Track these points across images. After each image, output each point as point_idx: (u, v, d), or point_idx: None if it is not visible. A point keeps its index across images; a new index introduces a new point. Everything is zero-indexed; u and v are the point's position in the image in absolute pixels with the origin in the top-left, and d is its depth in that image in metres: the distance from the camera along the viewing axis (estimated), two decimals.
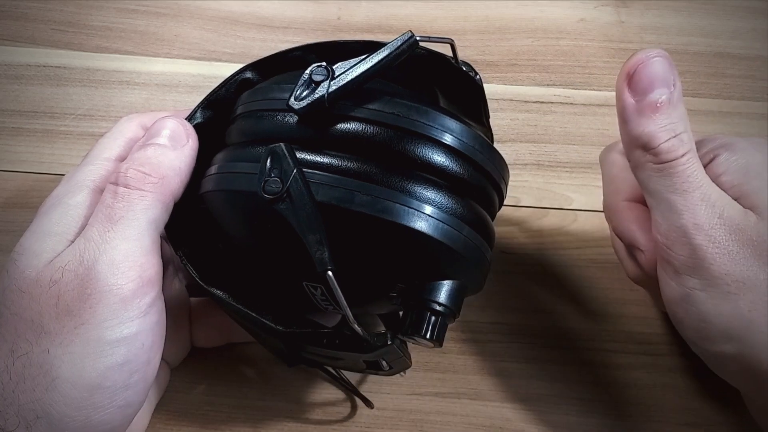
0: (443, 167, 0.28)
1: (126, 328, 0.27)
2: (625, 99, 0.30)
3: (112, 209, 0.28)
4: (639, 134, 0.29)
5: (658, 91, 0.29)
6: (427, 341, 0.29)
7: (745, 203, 0.30)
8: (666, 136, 0.29)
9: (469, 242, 0.28)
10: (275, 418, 0.36)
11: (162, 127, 0.31)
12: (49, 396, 0.26)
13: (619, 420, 0.36)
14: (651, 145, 0.29)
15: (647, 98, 0.29)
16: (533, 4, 0.53)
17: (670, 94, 0.29)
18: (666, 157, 0.29)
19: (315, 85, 0.27)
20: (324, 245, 0.26)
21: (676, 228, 0.29)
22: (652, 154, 0.29)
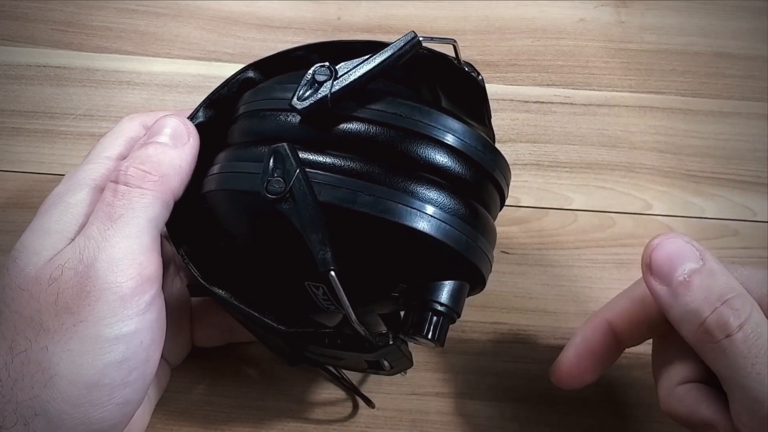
0: (445, 168, 0.28)
1: (125, 325, 0.27)
2: (655, 289, 0.28)
3: (112, 207, 0.28)
4: (683, 317, 0.27)
5: (681, 267, 0.27)
6: (428, 341, 0.29)
7: None
8: (709, 308, 0.26)
9: (471, 242, 0.28)
10: (275, 418, 0.36)
11: (163, 125, 0.31)
12: (47, 393, 0.26)
13: (619, 420, 0.36)
14: (697, 324, 0.27)
15: (674, 279, 0.27)
16: (533, 4, 0.53)
17: (699, 263, 0.27)
18: (718, 333, 0.26)
19: (318, 85, 0.27)
20: (326, 245, 0.26)
21: (759, 419, 0.26)
22: (705, 333, 0.27)
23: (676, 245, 0.28)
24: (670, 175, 0.45)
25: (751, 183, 0.45)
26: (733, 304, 0.26)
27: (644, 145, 0.46)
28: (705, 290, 0.27)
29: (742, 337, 0.26)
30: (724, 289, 0.27)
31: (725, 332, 0.26)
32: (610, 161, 0.45)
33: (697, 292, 0.27)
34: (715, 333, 0.26)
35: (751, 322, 0.26)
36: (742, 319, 0.26)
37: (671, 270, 0.28)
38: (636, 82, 0.49)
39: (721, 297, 0.27)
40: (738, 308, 0.26)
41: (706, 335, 0.27)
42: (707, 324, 0.27)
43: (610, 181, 0.45)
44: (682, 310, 0.27)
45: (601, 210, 0.44)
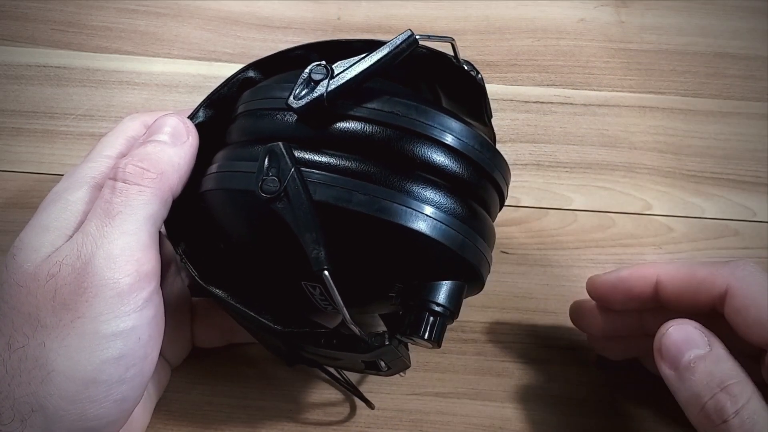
0: (443, 167, 0.28)
1: (122, 322, 0.27)
2: (664, 373, 0.30)
3: (111, 204, 0.28)
4: (687, 400, 0.29)
5: (688, 354, 0.29)
6: (425, 342, 0.28)
7: None
8: (709, 393, 0.28)
9: (468, 243, 0.28)
10: (275, 418, 0.36)
11: (163, 124, 0.31)
12: (44, 389, 0.26)
13: (620, 420, 0.36)
14: (698, 408, 0.28)
15: (681, 364, 0.29)
16: (533, 4, 0.53)
17: (705, 350, 0.29)
18: (716, 418, 0.28)
19: (314, 84, 0.27)
20: (320, 244, 0.26)
21: None
22: (704, 417, 0.28)
23: (685, 332, 0.30)
24: (670, 175, 0.45)
25: (751, 183, 0.45)
26: (731, 390, 0.28)
27: (644, 145, 0.46)
28: (707, 376, 0.28)
29: (738, 423, 0.27)
30: (725, 375, 0.28)
31: (722, 417, 0.27)
32: (610, 161, 0.45)
33: (700, 377, 0.28)
34: (713, 417, 0.28)
35: (748, 409, 0.27)
36: (739, 405, 0.27)
37: (678, 355, 0.29)
38: (636, 82, 0.49)
39: (722, 383, 0.28)
40: (736, 394, 0.28)
41: (705, 419, 0.28)
42: (706, 408, 0.28)
43: (610, 181, 0.45)
44: (686, 394, 0.29)
45: (601, 210, 0.43)
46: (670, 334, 0.30)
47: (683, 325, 0.30)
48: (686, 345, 0.29)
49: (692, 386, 0.29)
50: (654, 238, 0.42)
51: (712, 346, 0.29)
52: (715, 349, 0.29)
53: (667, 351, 0.30)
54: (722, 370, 0.28)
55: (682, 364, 0.29)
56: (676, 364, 0.29)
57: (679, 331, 0.30)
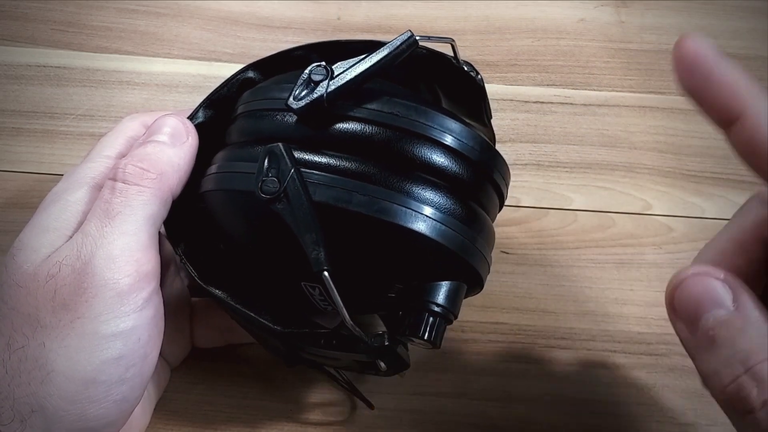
0: (442, 168, 0.28)
1: (122, 322, 0.27)
2: (679, 332, 0.24)
3: (110, 204, 0.28)
4: (705, 375, 0.23)
5: (706, 317, 0.23)
6: (424, 342, 0.28)
7: None
8: (730, 375, 0.22)
9: (468, 243, 0.28)
10: (275, 418, 0.36)
11: (163, 124, 0.31)
12: (44, 389, 0.26)
13: (620, 420, 0.36)
14: (719, 388, 0.22)
15: (699, 327, 0.23)
16: (533, 4, 0.53)
17: (729, 310, 0.23)
18: (738, 406, 0.22)
19: (314, 84, 0.27)
20: (320, 245, 0.26)
21: None
22: (726, 402, 0.23)
23: (704, 285, 0.23)
24: (670, 175, 0.45)
25: (751, 183, 0.45)
26: (758, 372, 0.22)
27: (644, 145, 0.46)
28: (730, 349, 0.22)
29: (765, 416, 0.21)
30: (752, 350, 0.22)
31: (746, 407, 0.22)
32: (610, 161, 0.45)
33: (721, 350, 0.23)
34: (734, 404, 0.22)
35: None
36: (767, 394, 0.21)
37: (696, 316, 0.23)
38: (636, 82, 0.49)
39: (747, 361, 0.22)
40: (764, 378, 0.21)
41: (727, 405, 0.23)
42: (728, 392, 0.22)
43: (610, 181, 0.45)
44: (705, 367, 0.23)
45: (601, 210, 0.44)
46: (687, 287, 0.24)
47: (703, 277, 0.24)
48: (706, 303, 0.23)
49: (711, 360, 0.23)
50: (654, 238, 0.42)
51: (739, 303, 0.23)
52: (742, 310, 0.23)
53: (682, 308, 0.24)
54: (749, 342, 0.22)
55: (701, 327, 0.23)
56: (693, 326, 0.23)
57: (697, 283, 0.24)
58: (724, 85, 0.23)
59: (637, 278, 0.41)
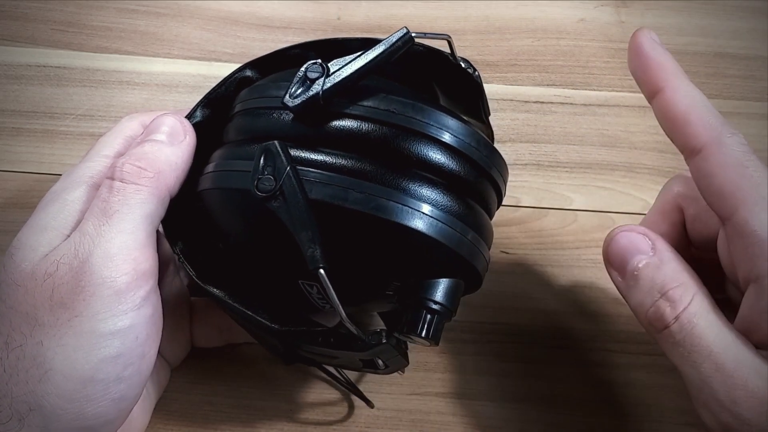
0: (439, 165, 0.28)
1: (120, 320, 0.27)
2: (614, 281, 0.30)
3: (108, 203, 0.28)
4: (634, 308, 0.29)
5: (632, 261, 0.29)
6: (423, 340, 0.28)
7: None
8: (651, 300, 0.28)
9: (465, 240, 0.28)
10: (275, 418, 0.36)
11: (160, 123, 0.31)
12: (41, 388, 0.26)
13: (619, 420, 0.36)
14: (643, 314, 0.28)
15: (627, 271, 0.29)
16: (533, 4, 0.53)
17: (649, 254, 0.29)
18: (658, 324, 0.28)
19: (310, 82, 0.27)
20: (316, 243, 0.26)
21: (703, 404, 0.27)
22: (649, 324, 0.28)
23: (629, 238, 0.29)
24: (670, 175, 0.44)
25: None
26: (672, 295, 0.27)
27: (644, 145, 0.46)
28: (649, 282, 0.28)
29: (678, 327, 0.27)
30: (667, 279, 0.28)
31: (663, 323, 0.27)
32: (610, 161, 0.45)
33: (643, 284, 0.28)
34: (655, 324, 0.28)
35: (688, 312, 0.27)
36: (678, 311, 0.27)
37: (624, 262, 0.29)
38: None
39: (662, 288, 0.28)
40: (676, 299, 0.27)
41: (650, 326, 0.28)
42: (649, 315, 0.28)
43: (610, 181, 0.45)
44: (633, 302, 0.29)
45: (601, 210, 0.43)
46: (616, 241, 0.30)
47: (628, 232, 0.30)
48: (631, 251, 0.29)
49: (636, 294, 0.28)
50: None
51: (656, 250, 0.29)
52: (659, 254, 0.29)
53: (614, 258, 0.30)
54: (664, 275, 0.28)
55: (628, 271, 0.29)
56: (622, 271, 0.29)
57: (623, 237, 0.29)
58: (653, 64, 0.29)
59: None
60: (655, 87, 0.29)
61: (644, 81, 0.29)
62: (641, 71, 0.29)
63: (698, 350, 0.27)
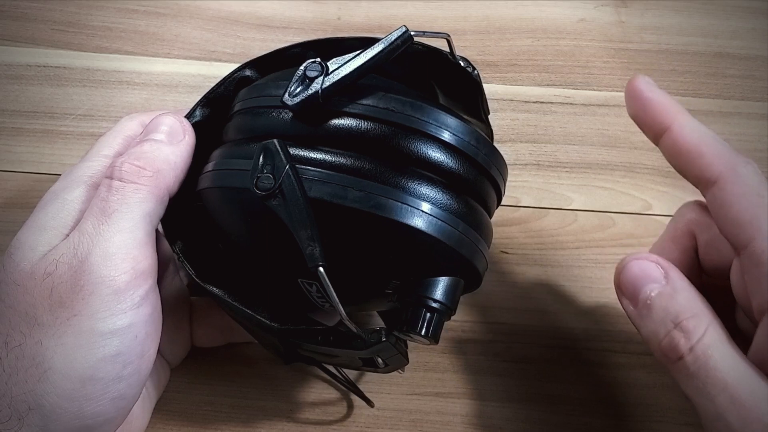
0: (438, 163, 0.28)
1: (119, 319, 0.27)
2: (625, 308, 0.29)
3: (107, 202, 0.28)
4: (647, 338, 0.28)
5: (644, 289, 0.28)
6: (422, 338, 0.28)
7: None
8: (664, 331, 0.27)
9: (465, 238, 0.28)
10: (275, 417, 0.36)
11: (160, 123, 0.31)
12: (41, 387, 0.26)
13: (619, 420, 0.36)
14: (656, 344, 0.28)
15: (639, 300, 0.29)
16: (533, 4, 0.53)
17: (662, 283, 0.28)
18: (671, 355, 0.27)
19: (309, 81, 0.27)
20: (315, 241, 0.26)
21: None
22: (662, 355, 0.28)
23: (641, 267, 0.29)
24: (670, 175, 0.45)
25: None
26: (685, 326, 0.27)
27: (644, 145, 0.46)
28: (662, 312, 0.28)
29: (692, 359, 0.26)
30: (680, 310, 0.27)
31: (676, 355, 0.27)
32: (610, 161, 0.45)
33: (657, 313, 0.28)
34: (668, 355, 0.27)
35: (702, 343, 0.27)
36: (693, 341, 0.27)
37: (636, 291, 0.29)
38: None
39: (676, 318, 0.27)
40: (690, 330, 0.27)
41: (663, 357, 0.28)
42: (662, 346, 0.27)
43: (610, 181, 0.45)
44: (646, 331, 0.28)
45: (601, 210, 0.43)
46: (628, 269, 0.29)
47: (640, 260, 0.29)
48: (643, 280, 0.29)
49: (649, 323, 0.28)
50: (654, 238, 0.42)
51: (669, 279, 0.28)
52: (672, 282, 0.28)
53: (626, 287, 0.29)
54: (677, 305, 0.28)
55: (640, 300, 0.28)
56: (634, 300, 0.29)
57: (635, 266, 0.29)
58: (655, 105, 0.29)
59: None
60: (661, 126, 0.29)
61: (649, 123, 0.30)
62: (644, 114, 0.30)
63: (713, 383, 0.26)
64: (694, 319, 0.27)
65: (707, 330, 0.27)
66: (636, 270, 0.29)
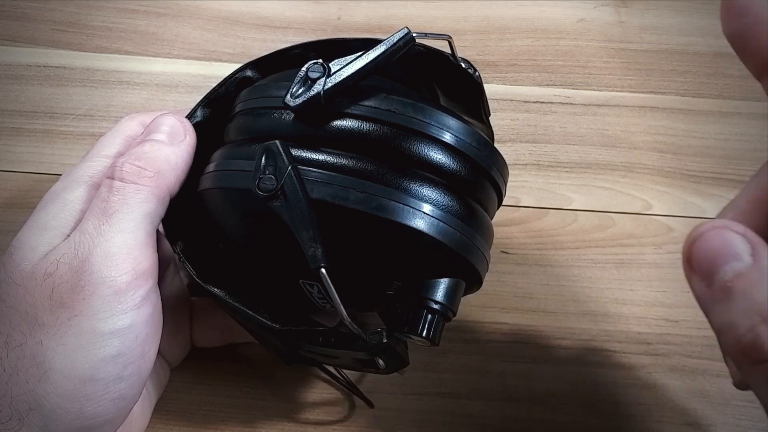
0: (440, 164, 0.28)
1: (119, 320, 0.27)
2: (694, 288, 0.24)
3: (108, 203, 0.28)
4: (720, 327, 0.23)
5: (723, 269, 0.23)
6: (423, 340, 0.28)
7: None
8: (747, 324, 0.22)
9: (466, 240, 0.28)
10: (275, 418, 0.36)
11: (160, 123, 0.31)
12: (41, 387, 0.26)
13: (620, 420, 0.36)
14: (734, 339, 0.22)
15: (715, 281, 0.23)
16: (533, 4, 0.53)
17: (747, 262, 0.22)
18: (754, 355, 0.22)
19: (311, 82, 0.27)
20: (317, 242, 0.26)
21: None
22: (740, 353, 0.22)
23: (722, 238, 0.23)
24: (670, 175, 0.45)
25: None
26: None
27: (644, 145, 0.46)
28: (746, 300, 0.22)
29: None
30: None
31: (761, 356, 0.21)
32: (610, 161, 0.45)
33: (738, 301, 0.22)
34: (749, 354, 0.22)
35: None
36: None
37: (712, 269, 0.23)
38: (636, 82, 0.49)
39: (762, 312, 0.22)
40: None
41: (740, 354, 0.22)
42: (743, 343, 0.22)
43: (610, 181, 0.45)
44: (720, 320, 0.23)
45: (601, 210, 0.43)
46: (705, 240, 0.23)
47: (721, 230, 0.23)
48: (723, 256, 0.23)
49: (727, 312, 0.22)
50: (654, 238, 0.42)
51: (758, 256, 0.22)
52: (761, 263, 0.22)
53: (699, 262, 0.23)
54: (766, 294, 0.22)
55: (717, 281, 0.23)
56: (709, 279, 0.23)
57: (715, 236, 0.23)
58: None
59: (637, 278, 0.41)
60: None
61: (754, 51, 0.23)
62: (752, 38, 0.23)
63: None
64: None
65: None
66: (716, 242, 0.23)
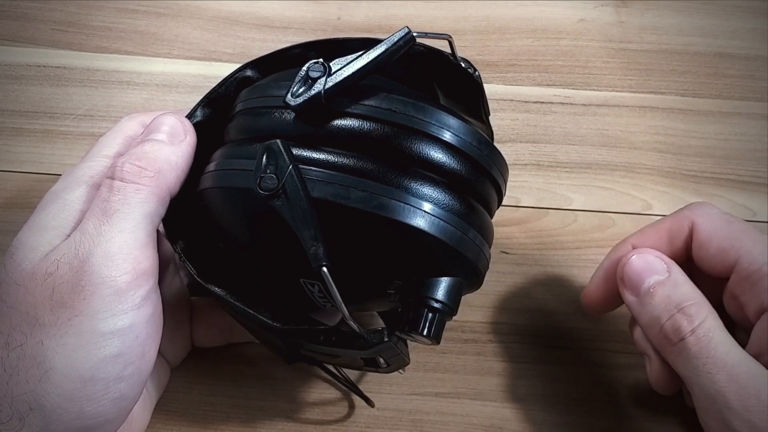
0: (440, 163, 0.28)
1: (120, 320, 0.27)
2: (626, 299, 0.32)
3: (108, 203, 0.28)
4: (648, 323, 0.31)
5: (648, 280, 0.31)
6: (424, 338, 0.28)
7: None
8: (667, 314, 0.30)
9: (466, 239, 0.28)
10: (275, 417, 0.36)
11: (161, 123, 0.31)
12: (42, 387, 0.26)
13: (620, 420, 0.36)
14: (657, 329, 0.30)
15: (642, 289, 0.31)
16: (533, 4, 0.53)
17: (664, 275, 0.31)
18: (674, 337, 0.30)
19: (312, 81, 0.27)
20: (319, 241, 0.26)
21: (714, 414, 0.29)
22: (664, 337, 0.30)
23: (645, 260, 0.32)
24: (670, 175, 0.45)
25: (751, 183, 0.45)
26: (688, 310, 0.30)
27: (644, 145, 0.46)
28: (665, 299, 0.30)
29: (694, 340, 0.29)
30: (683, 298, 0.30)
31: (679, 336, 0.29)
32: (610, 161, 0.45)
33: (659, 300, 0.30)
34: (671, 336, 0.30)
35: (704, 327, 0.29)
36: (695, 324, 0.29)
37: (639, 282, 0.31)
38: (636, 82, 0.49)
39: (679, 305, 0.30)
40: (692, 314, 0.30)
41: (665, 339, 0.30)
42: (665, 328, 0.30)
43: (610, 181, 0.45)
44: (647, 318, 0.31)
45: (601, 210, 0.43)
46: (632, 262, 0.32)
47: (644, 254, 0.32)
48: (647, 272, 0.31)
49: (652, 309, 0.30)
50: None
51: (671, 271, 0.31)
52: (674, 275, 0.31)
53: (629, 278, 0.32)
54: (680, 293, 0.30)
55: (643, 289, 0.31)
56: (637, 290, 0.31)
57: (639, 259, 0.32)
58: None
59: None
60: None
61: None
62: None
63: (713, 362, 0.29)
64: (696, 306, 0.30)
65: (707, 316, 0.30)
66: (640, 262, 0.32)
